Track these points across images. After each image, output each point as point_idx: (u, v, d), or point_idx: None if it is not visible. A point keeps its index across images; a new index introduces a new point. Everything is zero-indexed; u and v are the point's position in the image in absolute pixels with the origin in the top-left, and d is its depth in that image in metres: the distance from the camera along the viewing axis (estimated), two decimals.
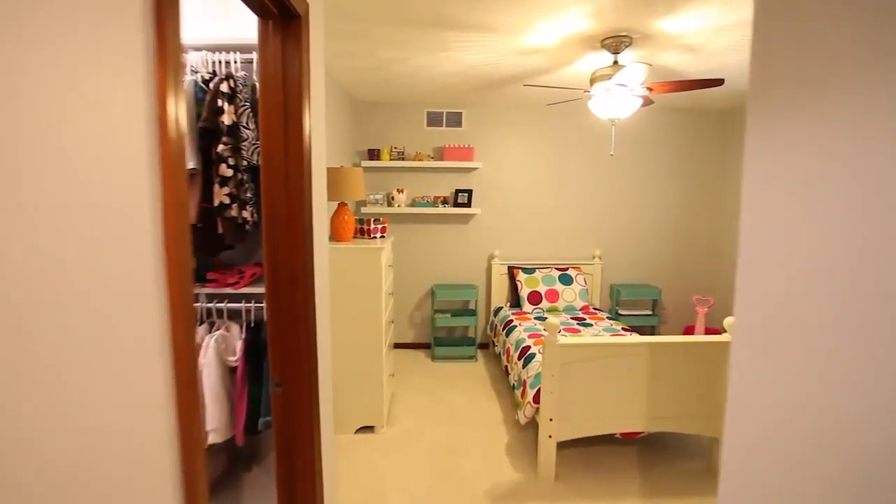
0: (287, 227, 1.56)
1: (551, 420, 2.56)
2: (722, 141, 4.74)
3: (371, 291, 2.90)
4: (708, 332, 4.60)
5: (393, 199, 4.48)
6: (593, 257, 4.77)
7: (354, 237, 3.32)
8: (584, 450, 2.89)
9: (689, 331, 4.73)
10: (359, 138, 4.55)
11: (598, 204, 4.76)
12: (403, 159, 4.48)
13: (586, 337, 2.53)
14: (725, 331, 2.63)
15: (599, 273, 4.71)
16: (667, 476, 2.70)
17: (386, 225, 3.36)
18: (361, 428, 3.09)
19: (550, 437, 2.58)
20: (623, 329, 3.76)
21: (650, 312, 4.67)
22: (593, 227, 4.79)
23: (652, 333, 4.77)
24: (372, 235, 3.23)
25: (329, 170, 2.94)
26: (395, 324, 4.80)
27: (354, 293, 2.90)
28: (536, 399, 2.68)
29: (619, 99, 2.53)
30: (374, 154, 4.43)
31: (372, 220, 3.22)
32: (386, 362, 3.14)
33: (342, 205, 3.05)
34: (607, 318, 4.08)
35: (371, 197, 4.46)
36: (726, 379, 2.63)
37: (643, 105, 3.05)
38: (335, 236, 3.05)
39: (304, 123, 1.55)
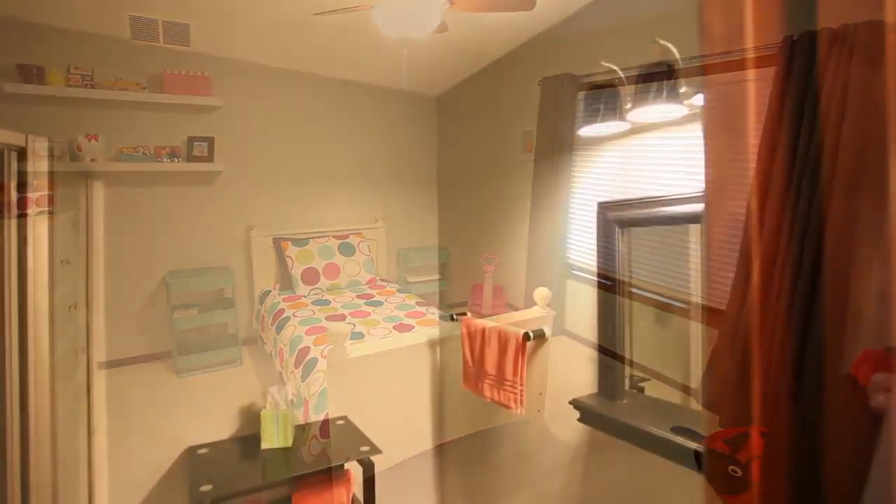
0: None
1: (347, 461, 1.85)
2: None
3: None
4: (495, 290, 4.53)
5: (81, 150, 2.93)
6: (376, 220, 4.13)
7: None
8: (397, 470, 2.30)
9: (478, 289, 4.58)
10: None
11: (379, 156, 4.07)
12: (94, 87, 2.94)
13: (387, 339, 1.86)
14: (536, 301, 2.30)
15: (384, 238, 4.10)
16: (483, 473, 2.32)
17: (50, 192, 2.01)
18: None
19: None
20: (418, 303, 3.27)
21: (440, 277, 4.34)
22: (374, 184, 4.11)
23: (442, 300, 4.46)
24: (14, 212, 1.86)
25: None
26: (114, 334, 3.33)
27: None
28: (325, 432, 1.93)
29: (415, 6, 1.80)
30: (31, 73, 2.76)
31: (11, 183, 1.84)
32: (70, 417, 1.92)
33: None
34: (398, 290, 3.54)
35: (36, 146, 2.82)
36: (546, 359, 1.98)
37: (438, 30, 2.40)
38: None
39: None
